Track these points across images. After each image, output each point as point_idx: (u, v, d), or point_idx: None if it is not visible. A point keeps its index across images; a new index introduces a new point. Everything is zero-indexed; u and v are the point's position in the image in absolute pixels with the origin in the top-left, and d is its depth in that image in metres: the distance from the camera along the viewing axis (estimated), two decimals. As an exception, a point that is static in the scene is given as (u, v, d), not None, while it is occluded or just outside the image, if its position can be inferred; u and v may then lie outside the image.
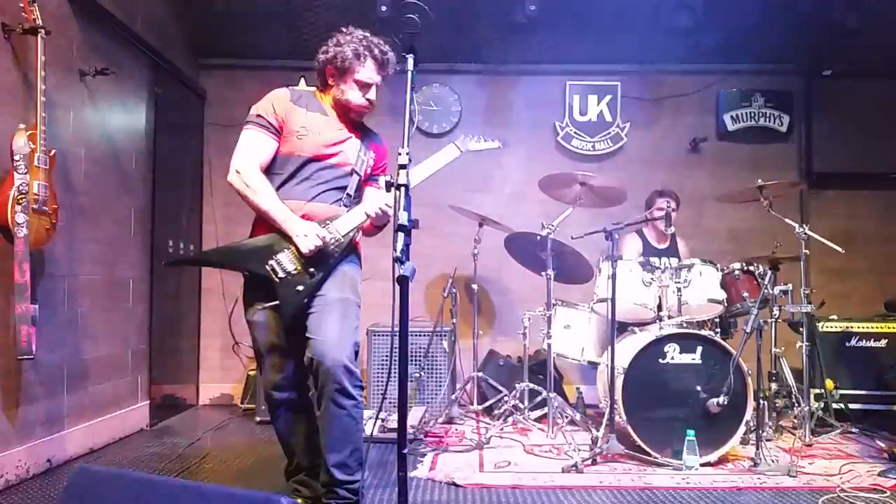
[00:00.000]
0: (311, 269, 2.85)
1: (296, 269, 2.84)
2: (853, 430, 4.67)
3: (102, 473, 2.05)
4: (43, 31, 3.47)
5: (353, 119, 3.07)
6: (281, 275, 2.84)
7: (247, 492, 1.86)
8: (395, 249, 2.15)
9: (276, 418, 3.04)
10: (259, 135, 2.91)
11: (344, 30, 2.99)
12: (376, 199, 2.93)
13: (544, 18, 5.35)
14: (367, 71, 2.95)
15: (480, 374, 5.20)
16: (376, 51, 2.94)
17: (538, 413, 4.87)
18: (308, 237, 2.81)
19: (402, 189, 2.23)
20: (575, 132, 6.13)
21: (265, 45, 5.79)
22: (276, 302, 2.85)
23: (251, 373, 5.41)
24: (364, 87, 2.97)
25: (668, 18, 5.35)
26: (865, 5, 5.17)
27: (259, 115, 2.93)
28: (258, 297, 2.92)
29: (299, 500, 3.01)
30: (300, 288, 2.84)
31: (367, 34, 2.99)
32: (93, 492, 1.94)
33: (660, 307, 4.40)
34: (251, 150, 2.90)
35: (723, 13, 5.37)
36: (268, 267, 2.85)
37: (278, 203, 2.86)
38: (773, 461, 3.90)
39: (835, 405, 4.93)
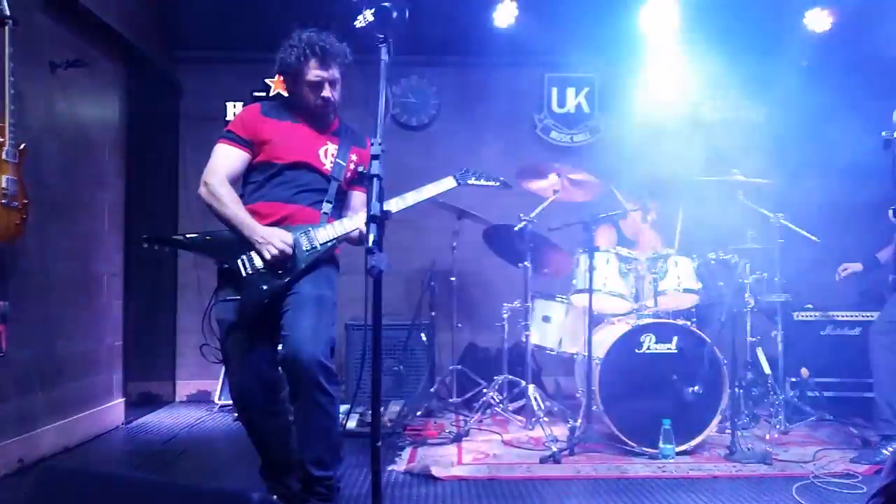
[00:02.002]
0: (280, 271, 2.84)
1: (264, 268, 2.83)
2: (828, 417, 4.71)
3: (70, 472, 2.02)
4: (10, 21, 3.41)
5: (325, 122, 3.05)
6: (249, 271, 2.83)
7: (218, 488, 1.84)
8: (367, 241, 2.15)
9: (245, 419, 2.98)
10: (228, 148, 2.95)
11: (293, 35, 2.97)
12: (360, 219, 2.87)
13: (523, 11, 5.35)
14: (312, 70, 2.92)
15: (459, 366, 5.20)
16: (316, 48, 2.90)
17: (517, 405, 4.88)
18: (271, 244, 2.79)
19: (375, 180, 2.21)
20: (553, 124, 6.14)
21: (241, 37, 5.72)
22: (239, 297, 2.83)
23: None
24: (314, 86, 2.94)
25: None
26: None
27: (229, 130, 2.98)
28: (227, 291, 2.90)
29: (274, 497, 2.99)
30: (265, 287, 2.83)
31: (311, 33, 2.94)
32: (61, 491, 1.91)
33: (636, 298, 4.42)
34: (219, 164, 2.93)
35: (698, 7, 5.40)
36: (238, 261, 2.83)
37: (243, 212, 2.87)
38: (748, 449, 3.93)
39: (810, 393, 4.98)
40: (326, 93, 2.95)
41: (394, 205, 2.86)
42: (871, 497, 1.37)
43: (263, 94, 5.85)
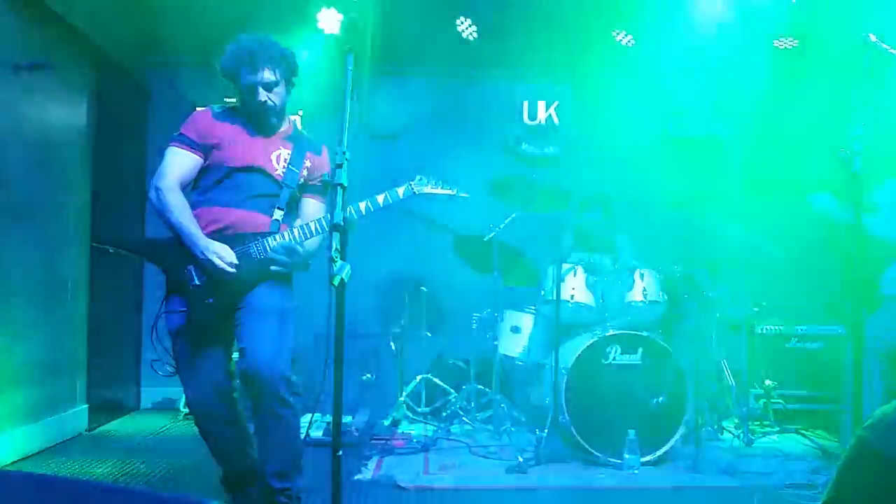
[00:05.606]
0: (228, 283, 2.77)
1: (211, 281, 2.77)
2: (791, 429, 4.78)
3: (26, 478, 1.98)
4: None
5: (269, 126, 2.96)
6: (196, 282, 2.78)
7: (175, 496, 1.82)
8: (330, 248, 2.14)
9: (204, 429, 2.92)
10: (180, 151, 2.89)
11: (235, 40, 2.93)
12: (282, 246, 2.81)
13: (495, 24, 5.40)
14: (244, 75, 2.86)
15: (428, 375, 5.19)
16: (246, 52, 2.84)
17: (485, 414, 4.88)
18: (210, 259, 2.74)
19: (339, 188, 2.21)
20: (524, 136, 6.17)
21: (211, 43, 5.67)
22: (185, 310, 2.79)
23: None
24: (249, 91, 2.88)
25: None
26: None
27: (181, 134, 2.91)
28: (175, 301, 2.85)
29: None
30: (211, 301, 2.78)
31: (249, 37, 2.89)
32: (16, 498, 1.88)
33: (603, 309, 4.45)
34: (171, 168, 2.87)
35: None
36: (186, 270, 2.79)
37: (189, 221, 2.79)
38: (712, 460, 3.97)
39: (774, 405, 5.04)
40: (262, 97, 2.87)
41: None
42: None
43: (234, 100, 5.80)
